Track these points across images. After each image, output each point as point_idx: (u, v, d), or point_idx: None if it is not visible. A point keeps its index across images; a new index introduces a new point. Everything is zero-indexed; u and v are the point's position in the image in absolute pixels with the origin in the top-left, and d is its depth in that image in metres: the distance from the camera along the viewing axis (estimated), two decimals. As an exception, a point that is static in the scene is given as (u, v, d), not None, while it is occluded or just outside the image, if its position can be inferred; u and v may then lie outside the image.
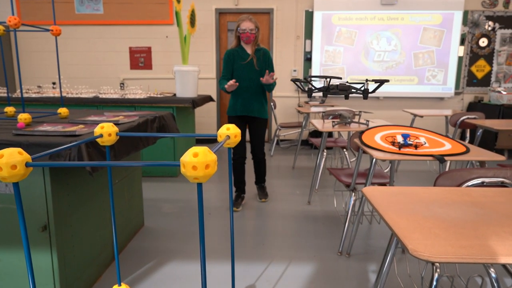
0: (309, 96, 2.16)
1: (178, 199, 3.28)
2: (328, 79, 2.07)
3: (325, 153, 3.30)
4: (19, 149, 0.62)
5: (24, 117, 1.72)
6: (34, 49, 5.68)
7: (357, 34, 5.47)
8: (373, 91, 2.20)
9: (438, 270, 1.43)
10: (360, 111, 2.89)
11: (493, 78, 5.61)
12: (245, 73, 2.88)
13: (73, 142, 1.40)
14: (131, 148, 1.86)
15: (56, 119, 1.98)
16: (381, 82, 2.04)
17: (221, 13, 5.60)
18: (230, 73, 2.94)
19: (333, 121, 2.80)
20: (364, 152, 2.19)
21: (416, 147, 1.81)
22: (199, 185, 0.58)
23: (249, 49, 2.90)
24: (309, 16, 5.46)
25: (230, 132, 0.90)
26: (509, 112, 4.95)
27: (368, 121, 2.77)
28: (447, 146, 1.85)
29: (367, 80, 2.09)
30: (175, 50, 5.55)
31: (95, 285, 1.92)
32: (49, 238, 1.54)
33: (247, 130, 3.13)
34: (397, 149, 1.82)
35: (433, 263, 1.47)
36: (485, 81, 5.63)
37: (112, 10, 5.49)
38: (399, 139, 1.93)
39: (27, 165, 0.61)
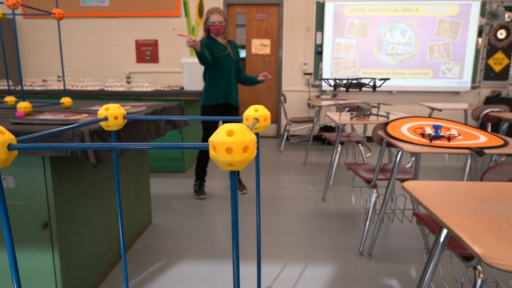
0: (335, 89, 2.08)
1: (186, 195, 3.15)
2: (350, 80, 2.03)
3: (339, 148, 3.15)
4: (1, 128, 0.49)
5: (24, 105, 1.59)
6: (40, 42, 5.57)
7: (370, 26, 5.28)
8: (380, 85, 2.16)
9: (481, 275, 1.28)
10: (379, 103, 2.73)
11: (511, 72, 5.40)
12: (224, 62, 2.93)
13: (76, 131, 1.26)
14: (139, 139, 1.73)
15: (58, 109, 1.85)
16: (384, 80, 2.00)
17: (229, 5, 5.45)
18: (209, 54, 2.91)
19: (351, 114, 2.65)
20: (388, 145, 2.03)
21: (449, 139, 1.65)
22: (233, 174, 0.44)
23: (221, 40, 2.96)
24: (320, 8, 5.29)
25: (259, 115, 0.75)
26: (530, 107, 4.75)
27: (388, 113, 2.61)
28: (482, 138, 1.69)
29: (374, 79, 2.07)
30: (182, 43, 5.40)
31: (100, 287, 1.80)
32: (50, 236, 1.42)
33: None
34: (428, 141, 1.67)
35: (475, 267, 1.32)
36: (503, 74, 5.42)
37: (118, 2, 5.36)
38: (429, 130, 1.77)
39: (9, 148, 0.48)
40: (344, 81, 1.86)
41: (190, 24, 3.94)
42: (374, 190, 2.18)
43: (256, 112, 0.75)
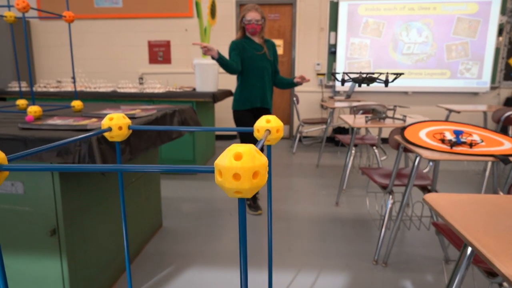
0: (342, 84, 2.00)
1: (198, 198, 3.12)
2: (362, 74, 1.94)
3: (353, 151, 3.07)
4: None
5: (34, 109, 1.58)
6: (54, 44, 5.63)
7: (385, 25, 5.17)
8: (392, 81, 2.08)
9: (507, 292, 1.20)
10: (395, 106, 2.65)
11: (533, 72, 5.21)
12: (259, 62, 2.70)
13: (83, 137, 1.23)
14: (149, 144, 1.70)
15: (68, 113, 1.84)
16: (398, 75, 1.93)
17: (242, 5, 5.40)
18: (238, 60, 2.68)
19: (366, 117, 2.57)
20: (405, 150, 1.96)
21: (471, 145, 1.57)
22: (242, 202, 0.39)
23: (257, 40, 2.74)
24: (334, 7, 5.19)
25: (271, 126, 0.70)
26: (553, 108, 4.57)
27: (405, 116, 2.53)
28: (506, 145, 1.60)
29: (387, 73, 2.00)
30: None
31: (109, 293, 1.78)
32: (58, 243, 1.40)
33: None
34: (449, 147, 1.59)
35: (500, 284, 1.24)
36: (524, 74, 5.23)
37: (131, 3, 5.38)
38: (449, 136, 1.69)
39: (1, 168, 0.44)
40: (354, 76, 1.79)
41: (202, 25, 3.91)
42: (390, 197, 2.10)
43: (268, 123, 0.70)
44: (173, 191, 3.28)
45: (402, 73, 1.80)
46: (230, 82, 5.50)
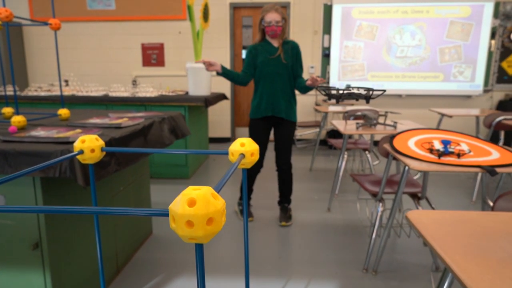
0: (329, 99, 1.96)
1: (189, 203, 3.10)
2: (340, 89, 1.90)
3: (345, 156, 3.07)
4: None
5: (17, 120, 1.56)
6: (48, 46, 5.59)
7: (378, 29, 5.17)
8: (374, 97, 2.03)
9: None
10: (387, 112, 2.64)
11: (525, 75, 5.24)
12: (271, 67, 2.50)
13: (64, 150, 1.22)
14: (138, 154, 1.68)
15: (55, 122, 1.81)
16: (382, 92, 1.87)
17: (235, 8, 5.39)
18: (250, 68, 2.59)
19: (357, 123, 2.57)
20: (395, 158, 1.95)
21: (459, 155, 1.56)
22: (198, 247, 0.38)
23: (276, 43, 2.54)
24: (328, 10, 5.19)
25: (245, 150, 0.68)
26: (545, 112, 4.59)
27: (396, 122, 2.52)
28: (494, 154, 1.60)
29: (370, 89, 1.92)
30: (188, 46, 5.37)
31: (96, 304, 1.76)
32: (41, 256, 1.37)
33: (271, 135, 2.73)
34: (436, 157, 1.58)
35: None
36: (517, 77, 5.26)
37: (124, 6, 5.35)
38: (437, 145, 1.68)
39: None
40: (334, 91, 1.76)
41: (194, 28, 3.89)
42: (380, 204, 2.10)
43: (243, 146, 0.68)
44: (164, 196, 3.26)
45: (384, 90, 1.79)
46: (223, 85, 5.48)
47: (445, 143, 1.60)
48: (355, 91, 1.77)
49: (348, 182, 3.69)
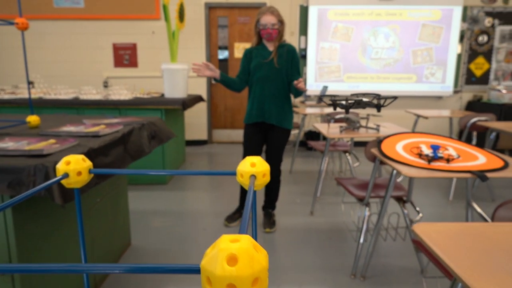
0: (334, 109, 1.94)
1: (169, 210, 2.98)
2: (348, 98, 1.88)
3: (326, 158, 3.05)
4: None
5: (-19, 129, 1.41)
6: (7, 46, 5.26)
7: (354, 30, 5.23)
8: (386, 105, 2.01)
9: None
10: (368, 114, 2.65)
11: (491, 76, 5.46)
12: (263, 71, 2.41)
13: (38, 164, 1.10)
14: (118, 164, 1.56)
15: (23, 130, 1.67)
16: (394, 98, 1.87)
17: (211, 8, 5.29)
18: (245, 74, 2.51)
19: (340, 126, 2.55)
20: (382, 162, 1.94)
21: (448, 160, 1.56)
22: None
23: (271, 46, 2.46)
24: (304, 11, 5.20)
25: (257, 171, 0.62)
26: (511, 112, 4.80)
27: (378, 125, 2.53)
28: (481, 159, 1.61)
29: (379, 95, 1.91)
30: (162, 46, 5.21)
31: (73, 326, 1.63)
32: (12, 281, 1.24)
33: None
34: (426, 162, 1.57)
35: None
36: (484, 79, 5.48)
37: (93, 4, 5.11)
38: (425, 150, 1.68)
39: None
40: (343, 101, 1.73)
41: (170, 28, 3.76)
42: (367, 209, 2.08)
43: (253, 167, 0.61)
44: (142, 203, 3.13)
45: (396, 97, 1.77)
46: (200, 87, 5.36)
47: (434, 148, 1.60)
48: (364, 99, 1.74)
49: (328, 184, 3.69)
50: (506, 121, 2.96)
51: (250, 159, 0.64)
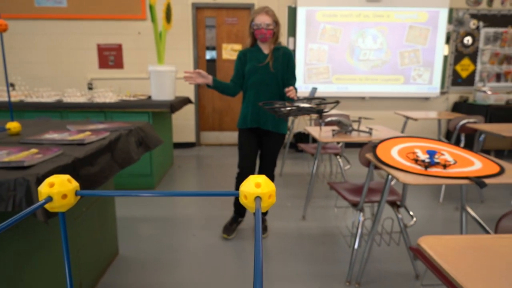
0: (278, 116, 1.96)
1: (157, 217, 2.90)
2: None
3: (316, 161, 3.02)
4: None
5: (-44, 138, 1.32)
6: (-12, 46, 5.07)
7: (342, 32, 5.23)
8: (328, 111, 2.03)
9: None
10: (360, 117, 2.62)
11: (477, 78, 5.54)
12: (258, 75, 2.34)
13: (18, 178, 1.02)
14: (106, 173, 1.48)
15: (3, 138, 1.57)
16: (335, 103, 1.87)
17: (198, 8, 5.21)
18: (239, 77, 2.42)
19: (332, 130, 2.52)
20: (376, 167, 1.91)
21: (445, 166, 1.54)
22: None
23: (266, 49, 2.37)
24: (292, 13, 5.17)
25: (262, 192, 0.56)
26: (497, 113, 4.88)
27: (371, 129, 2.51)
28: (477, 164, 1.59)
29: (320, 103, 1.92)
30: (149, 47, 5.10)
31: None
32: (-9, 302, 1.16)
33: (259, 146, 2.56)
34: (423, 168, 1.55)
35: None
36: (470, 80, 5.55)
37: (76, 4, 4.97)
38: (421, 155, 1.66)
39: None
40: (282, 109, 1.69)
41: (157, 29, 3.68)
42: (361, 214, 2.05)
43: (258, 188, 0.55)
44: (129, 210, 3.03)
45: (338, 102, 1.74)
46: (187, 88, 5.28)
47: (431, 153, 1.57)
48: (305, 104, 1.69)
49: (319, 187, 3.66)
50: (493, 123, 2.99)
51: (254, 178, 0.58)
